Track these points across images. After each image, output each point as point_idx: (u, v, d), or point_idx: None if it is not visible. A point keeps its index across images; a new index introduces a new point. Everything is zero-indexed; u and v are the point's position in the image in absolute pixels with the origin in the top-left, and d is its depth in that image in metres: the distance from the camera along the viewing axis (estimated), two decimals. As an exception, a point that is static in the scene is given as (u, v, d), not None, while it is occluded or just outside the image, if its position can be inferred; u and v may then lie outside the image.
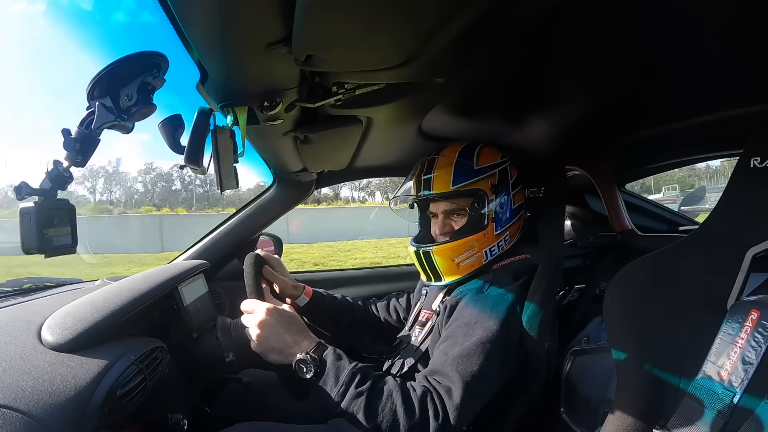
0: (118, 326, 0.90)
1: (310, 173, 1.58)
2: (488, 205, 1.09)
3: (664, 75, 0.88)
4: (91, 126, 0.74)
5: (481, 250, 1.09)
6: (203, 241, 1.68)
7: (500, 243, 1.12)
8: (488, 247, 1.10)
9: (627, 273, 0.95)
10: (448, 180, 1.09)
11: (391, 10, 0.56)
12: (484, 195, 1.09)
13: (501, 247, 1.12)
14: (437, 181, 1.10)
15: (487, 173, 1.10)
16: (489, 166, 1.11)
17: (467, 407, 0.87)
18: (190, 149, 0.81)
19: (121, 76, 0.71)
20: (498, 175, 1.11)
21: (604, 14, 0.68)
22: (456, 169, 1.10)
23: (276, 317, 0.91)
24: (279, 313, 0.92)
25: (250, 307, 0.94)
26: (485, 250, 1.10)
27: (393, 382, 0.87)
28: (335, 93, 0.83)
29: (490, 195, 1.09)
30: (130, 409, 0.78)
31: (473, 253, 1.09)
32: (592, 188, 1.47)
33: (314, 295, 1.31)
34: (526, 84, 0.98)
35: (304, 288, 1.29)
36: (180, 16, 0.55)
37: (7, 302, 1.03)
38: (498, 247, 1.11)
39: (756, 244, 0.77)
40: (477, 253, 1.09)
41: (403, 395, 0.84)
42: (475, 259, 1.10)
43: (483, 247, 1.09)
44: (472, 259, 1.10)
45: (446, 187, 1.09)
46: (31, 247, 0.74)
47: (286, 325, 0.91)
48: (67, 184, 0.79)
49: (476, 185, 1.09)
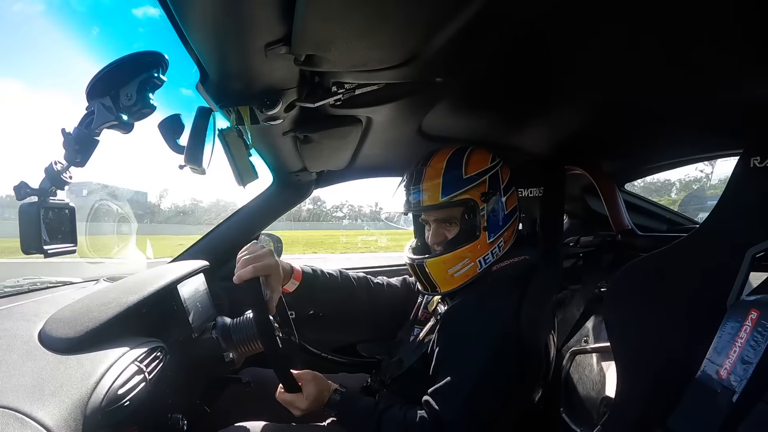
0: (118, 326, 0.90)
1: (310, 173, 1.58)
2: (479, 213, 1.07)
3: (663, 73, 0.88)
4: (91, 126, 0.74)
5: (475, 259, 1.08)
6: (203, 240, 1.69)
7: (494, 250, 1.10)
8: (482, 256, 1.08)
9: (627, 273, 0.95)
10: (437, 192, 1.07)
11: (391, 10, 0.56)
12: (475, 205, 1.07)
13: (495, 254, 1.10)
14: (426, 192, 1.08)
15: (477, 181, 1.07)
16: (478, 173, 1.08)
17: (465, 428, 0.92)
18: (189, 149, 0.81)
19: (121, 75, 0.71)
20: (488, 181, 1.08)
21: (603, 14, 0.68)
22: (444, 179, 1.07)
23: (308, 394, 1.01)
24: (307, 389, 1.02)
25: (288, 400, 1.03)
26: (479, 260, 1.08)
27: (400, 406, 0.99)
28: (335, 93, 0.83)
29: (480, 204, 1.07)
30: (129, 408, 0.78)
31: (467, 263, 1.08)
32: (591, 188, 1.47)
33: (304, 278, 1.23)
34: (526, 84, 0.98)
35: (293, 271, 1.21)
36: (180, 16, 0.56)
37: (7, 302, 1.03)
38: (492, 255, 1.10)
39: (755, 244, 0.77)
40: (471, 263, 1.08)
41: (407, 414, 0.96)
42: (469, 269, 1.09)
43: (477, 257, 1.08)
44: (466, 269, 1.08)
45: (435, 200, 1.07)
46: (30, 247, 0.75)
47: (316, 391, 1.02)
48: (67, 184, 0.79)
49: (466, 195, 1.06)
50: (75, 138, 0.76)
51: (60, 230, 0.82)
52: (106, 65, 0.70)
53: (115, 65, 0.70)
